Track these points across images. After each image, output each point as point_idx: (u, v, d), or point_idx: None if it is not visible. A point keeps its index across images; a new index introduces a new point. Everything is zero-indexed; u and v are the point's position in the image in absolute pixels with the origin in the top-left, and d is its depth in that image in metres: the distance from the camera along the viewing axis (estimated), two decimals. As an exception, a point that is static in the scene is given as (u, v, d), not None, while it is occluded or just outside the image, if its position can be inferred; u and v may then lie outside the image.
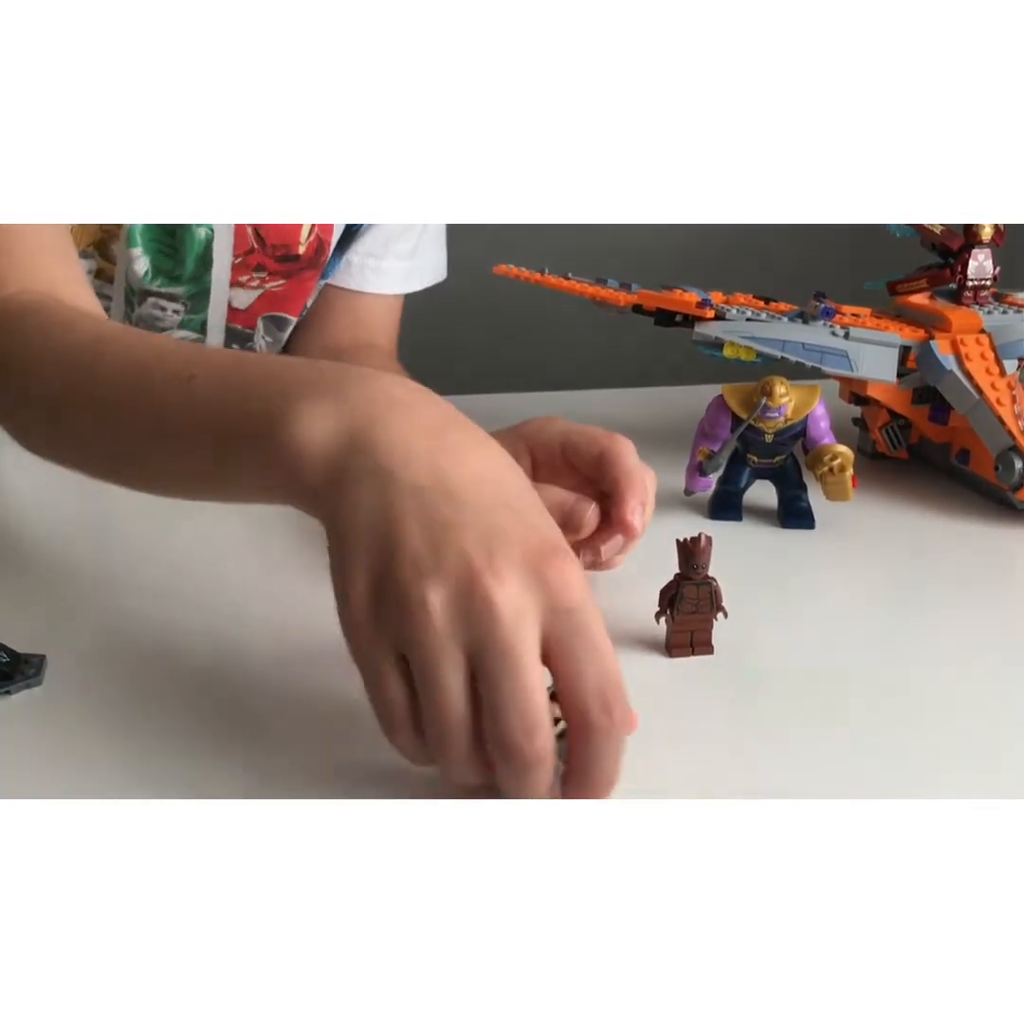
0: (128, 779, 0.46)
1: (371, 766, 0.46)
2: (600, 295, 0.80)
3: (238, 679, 0.53)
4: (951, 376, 0.73)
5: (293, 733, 0.50)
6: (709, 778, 0.47)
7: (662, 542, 0.58)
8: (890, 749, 0.49)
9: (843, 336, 0.74)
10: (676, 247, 1.58)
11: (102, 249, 0.83)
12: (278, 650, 0.56)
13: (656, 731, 0.49)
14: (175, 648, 0.56)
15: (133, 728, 0.49)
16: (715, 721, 0.51)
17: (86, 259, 0.83)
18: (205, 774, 0.46)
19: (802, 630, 0.59)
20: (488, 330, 1.45)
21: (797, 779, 0.47)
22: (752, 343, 0.74)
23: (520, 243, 1.28)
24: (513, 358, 1.48)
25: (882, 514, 0.74)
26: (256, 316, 0.90)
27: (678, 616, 0.54)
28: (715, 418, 0.70)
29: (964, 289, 0.77)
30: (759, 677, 0.54)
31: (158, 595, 0.62)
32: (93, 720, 0.50)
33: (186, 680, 0.53)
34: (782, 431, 0.69)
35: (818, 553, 0.69)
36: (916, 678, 0.55)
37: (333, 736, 0.49)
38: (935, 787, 0.47)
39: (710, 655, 0.55)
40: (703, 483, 0.72)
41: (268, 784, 0.46)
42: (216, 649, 0.56)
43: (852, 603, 0.64)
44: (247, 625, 0.58)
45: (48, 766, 0.47)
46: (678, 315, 0.77)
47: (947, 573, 0.67)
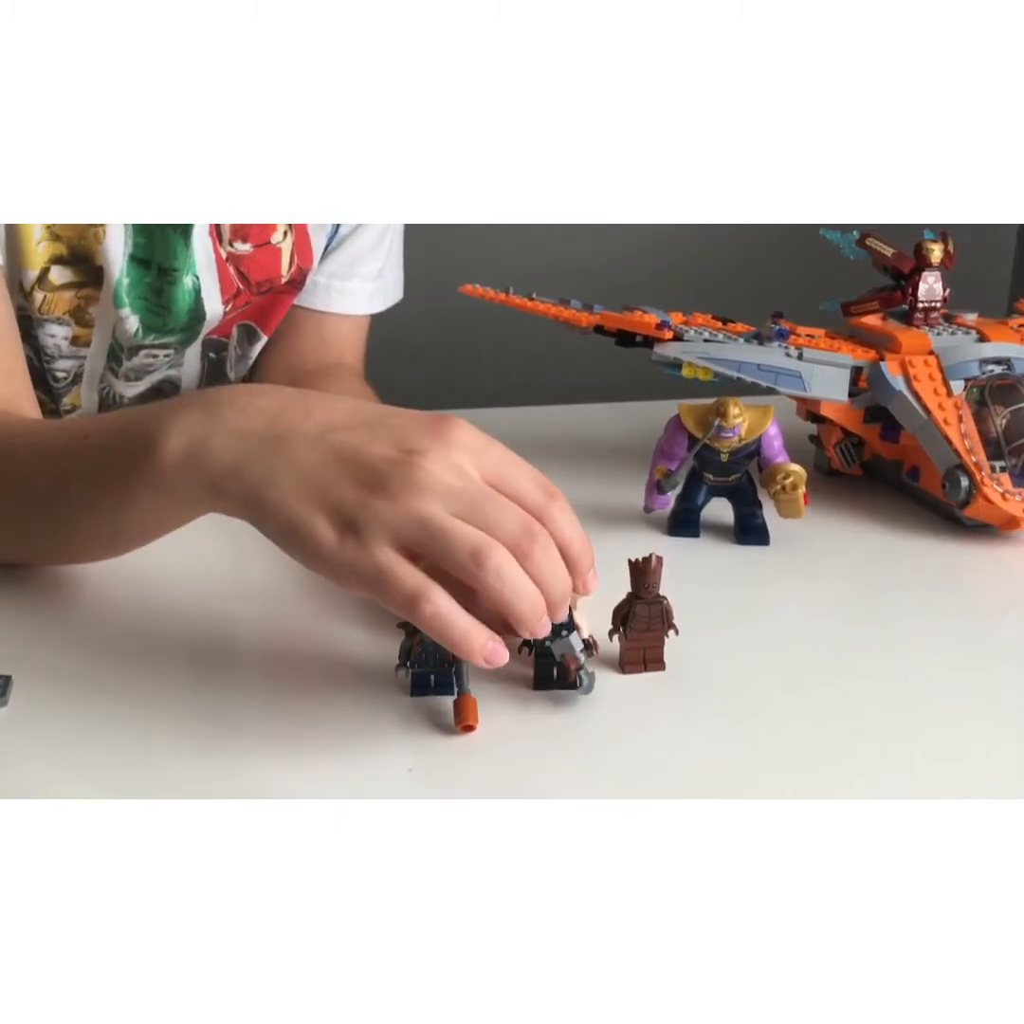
0: (98, 790, 0.47)
1: (373, 768, 0.48)
2: (563, 316, 0.81)
3: (217, 690, 0.55)
4: (900, 396, 0.75)
5: (275, 742, 0.51)
6: (661, 784, 0.49)
7: (619, 560, 0.59)
8: (843, 758, 0.51)
9: (796, 357, 0.76)
10: (643, 265, 1.60)
11: (78, 316, 0.83)
12: (259, 658, 0.57)
13: (609, 744, 0.51)
14: (145, 664, 0.57)
15: (102, 745, 0.51)
16: (667, 734, 0.53)
17: (61, 326, 0.83)
18: (180, 785, 0.48)
19: (756, 644, 0.61)
20: (450, 346, 1.46)
21: (750, 784, 0.49)
22: (709, 363, 0.76)
23: (487, 261, 1.29)
24: (476, 374, 1.50)
25: (836, 529, 0.76)
26: (231, 325, 0.91)
27: (631, 634, 0.56)
28: (672, 437, 0.72)
29: (915, 311, 0.80)
30: (711, 692, 0.56)
31: (124, 609, 0.63)
32: (59, 741, 0.51)
33: (159, 696, 0.54)
34: (737, 450, 0.71)
35: (773, 568, 0.71)
36: (868, 688, 0.57)
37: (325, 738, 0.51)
38: (887, 791, 0.49)
39: (662, 671, 0.57)
40: (662, 501, 0.74)
41: (253, 790, 0.47)
42: (191, 661, 0.57)
43: (805, 616, 0.65)
44: (224, 634, 0.60)
45: (15, 784, 0.48)
46: (638, 336, 0.79)
47: (898, 586, 0.69)
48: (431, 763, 0.50)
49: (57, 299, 0.81)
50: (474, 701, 0.51)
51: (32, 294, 0.80)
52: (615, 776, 0.49)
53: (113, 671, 0.57)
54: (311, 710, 0.53)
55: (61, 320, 0.82)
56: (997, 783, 0.50)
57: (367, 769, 0.49)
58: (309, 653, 0.58)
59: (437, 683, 0.53)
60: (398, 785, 0.48)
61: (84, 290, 0.81)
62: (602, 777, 0.49)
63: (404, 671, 0.54)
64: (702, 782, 0.49)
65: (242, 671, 0.57)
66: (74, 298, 0.82)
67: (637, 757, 0.51)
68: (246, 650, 0.59)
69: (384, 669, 0.55)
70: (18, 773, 0.49)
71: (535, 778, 0.49)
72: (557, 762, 0.50)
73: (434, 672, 0.53)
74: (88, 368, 0.86)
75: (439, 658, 0.53)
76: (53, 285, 0.80)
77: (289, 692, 0.55)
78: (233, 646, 0.59)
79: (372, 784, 0.48)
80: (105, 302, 0.82)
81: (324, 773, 0.49)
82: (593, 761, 0.50)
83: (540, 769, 0.50)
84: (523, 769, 0.49)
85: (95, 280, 0.81)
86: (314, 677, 0.56)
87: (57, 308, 0.82)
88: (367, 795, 0.47)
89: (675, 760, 0.51)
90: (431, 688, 0.54)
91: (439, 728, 0.52)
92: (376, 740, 0.51)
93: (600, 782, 0.49)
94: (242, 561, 0.71)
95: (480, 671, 0.54)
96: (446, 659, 0.53)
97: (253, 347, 0.94)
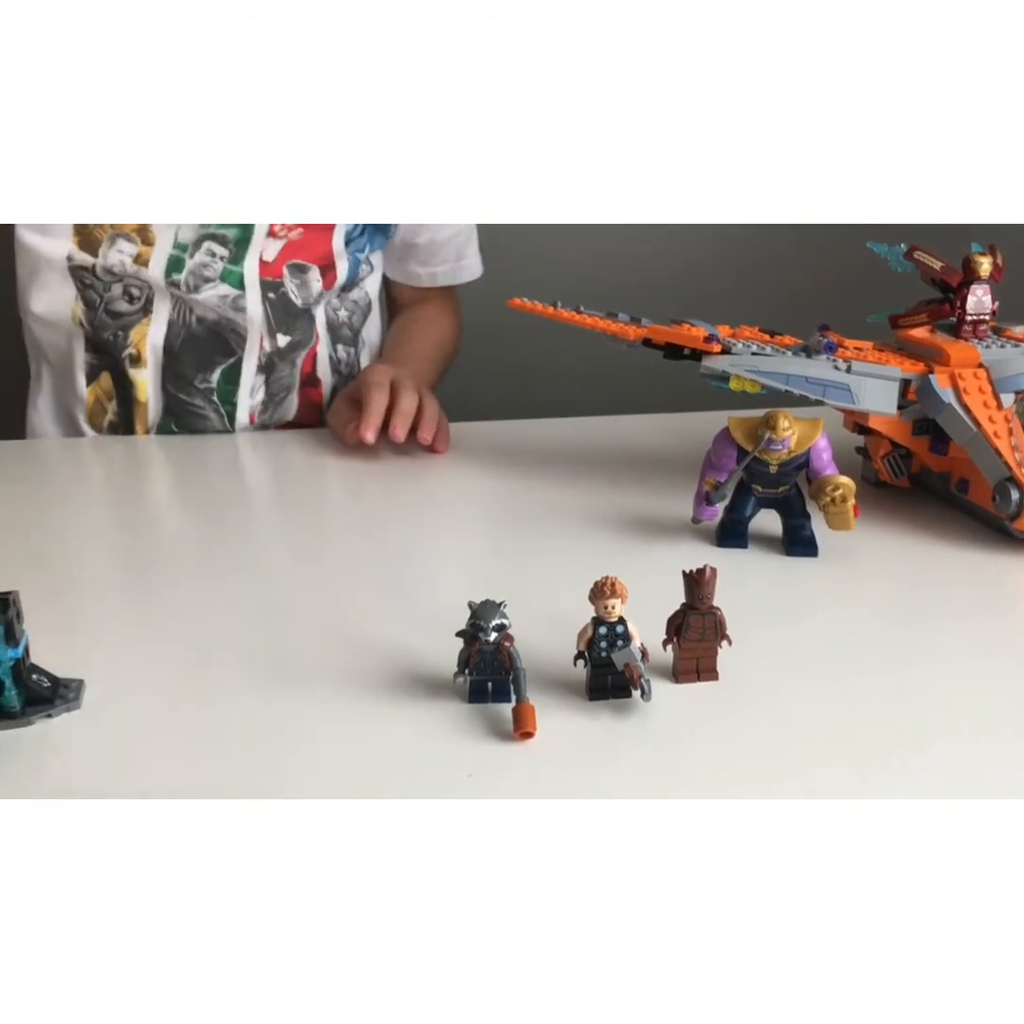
0: (169, 789, 0.49)
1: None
2: (611, 329, 0.82)
3: (280, 696, 0.56)
4: (950, 409, 0.75)
5: (337, 737, 0.52)
6: (716, 788, 0.49)
7: (667, 570, 0.60)
8: (893, 767, 0.51)
9: (845, 370, 0.77)
10: (685, 279, 1.60)
11: (143, 233, 0.96)
12: (321, 665, 0.59)
13: (664, 750, 0.52)
14: (210, 665, 0.59)
15: (172, 745, 0.52)
16: (721, 742, 0.53)
17: (129, 243, 0.96)
18: (243, 783, 0.49)
19: (805, 655, 0.62)
20: (498, 359, 1.48)
21: (805, 787, 0.49)
22: (757, 376, 0.76)
23: (533, 274, 1.31)
24: (524, 386, 1.51)
25: (884, 541, 0.76)
26: (281, 266, 1.02)
27: (684, 644, 0.57)
28: (721, 450, 0.73)
29: (963, 323, 0.80)
30: (763, 701, 0.57)
31: (190, 613, 0.65)
32: (131, 742, 0.53)
33: (224, 698, 0.56)
34: (786, 462, 0.72)
35: (821, 580, 0.71)
36: (918, 697, 0.57)
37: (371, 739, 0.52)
38: (941, 792, 0.49)
39: (715, 681, 0.58)
40: (710, 512, 0.75)
41: (318, 792, 0.49)
42: (256, 667, 0.59)
43: (854, 628, 0.66)
44: (288, 641, 0.61)
45: (92, 782, 0.50)
46: (686, 349, 0.80)
47: (947, 598, 0.69)
48: (491, 767, 0.51)
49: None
50: (533, 708, 0.52)
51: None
52: (671, 780, 0.50)
53: (179, 677, 0.58)
54: (372, 715, 0.54)
55: (130, 236, 0.97)
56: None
57: (429, 773, 0.50)
58: (369, 661, 0.59)
59: (494, 690, 0.55)
60: (459, 788, 0.49)
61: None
62: (658, 781, 0.50)
63: (462, 678, 0.55)
64: (757, 786, 0.50)
65: (305, 677, 0.58)
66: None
67: (691, 763, 0.51)
68: (309, 657, 0.60)
69: (443, 676, 0.56)
70: (90, 772, 0.50)
71: (594, 782, 0.50)
72: (614, 768, 0.51)
73: (491, 680, 0.55)
74: (155, 291, 0.98)
75: (496, 666, 0.54)
76: None
77: (351, 698, 0.56)
78: (297, 652, 0.61)
79: (434, 787, 0.49)
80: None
81: (385, 776, 0.50)
82: (649, 766, 0.51)
83: (598, 774, 0.50)
84: (582, 774, 0.50)
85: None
86: (374, 684, 0.57)
87: (127, 224, 0.97)
88: (431, 796, 0.48)
89: (729, 765, 0.51)
90: (488, 695, 0.55)
91: (497, 734, 0.53)
92: (436, 745, 0.52)
93: (656, 786, 0.50)
94: (307, 570, 0.73)
95: (535, 681, 0.55)
96: (503, 667, 0.54)
97: (307, 275, 1.03)
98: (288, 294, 1.03)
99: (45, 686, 0.54)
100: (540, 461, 0.92)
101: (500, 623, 0.53)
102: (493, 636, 0.53)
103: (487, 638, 0.53)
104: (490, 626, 0.53)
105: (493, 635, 0.53)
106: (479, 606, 0.54)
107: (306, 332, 1.05)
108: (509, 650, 0.54)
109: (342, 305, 1.08)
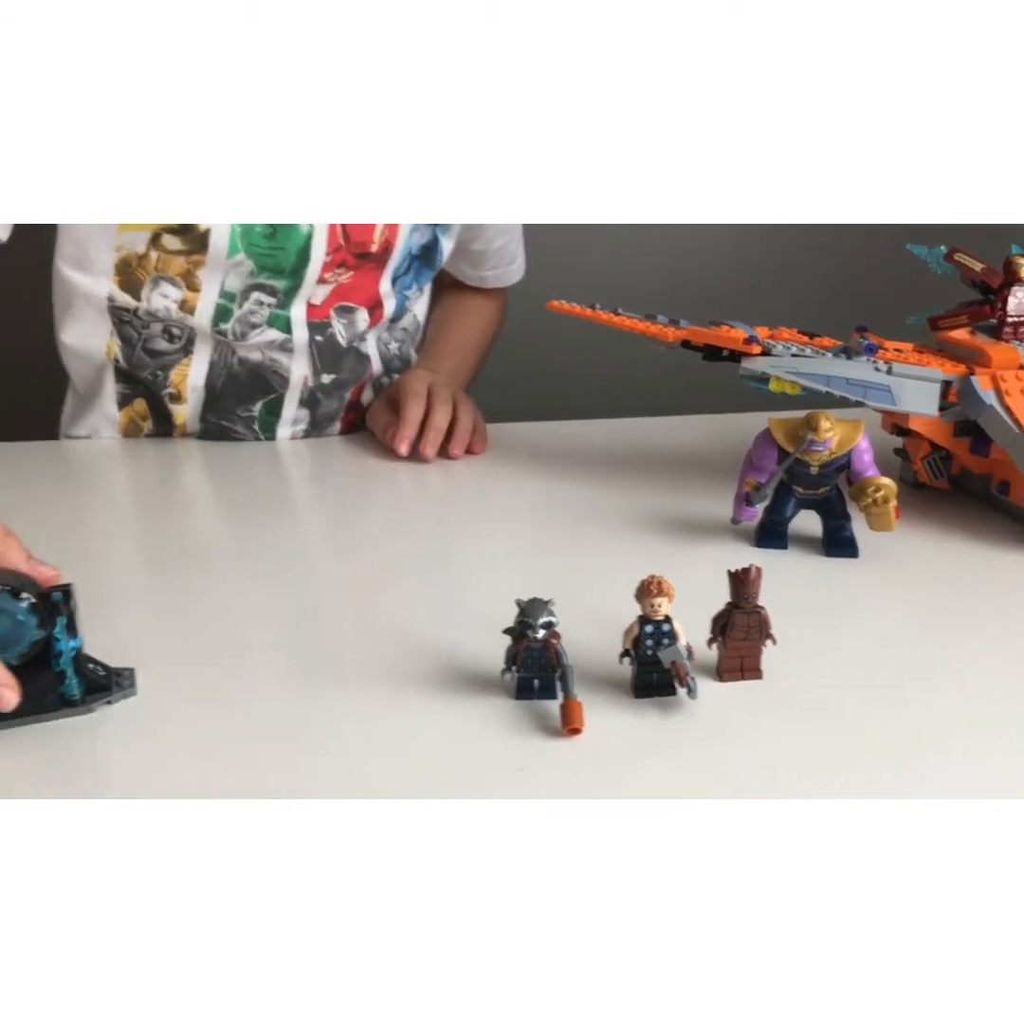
0: (226, 778, 0.50)
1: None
2: (650, 331, 0.83)
3: (327, 692, 0.57)
4: (991, 411, 0.75)
5: (381, 734, 0.53)
6: (761, 785, 0.50)
7: (712, 570, 0.61)
8: (935, 772, 0.52)
9: (886, 371, 0.77)
10: (720, 280, 1.61)
11: (188, 280, 0.93)
12: (369, 662, 0.60)
13: (710, 747, 0.52)
14: (251, 664, 0.60)
15: (227, 730, 0.53)
16: (765, 739, 0.54)
17: (174, 288, 0.94)
18: (294, 774, 0.50)
19: (848, 655, 0.62)
20: (536, 362, 1.49)
21: (848, 786, 0.50)
22: (797, 378, 0.76)
23: (569, 276, 1.31)
24: (562, 388, 1.52)
25: (924, 542, 0.77)
26: (329, 308, 1.00)
27: (729, 642, 0.57)
28: (762, 450, 0.73)
29: (1004, 325, 0.80)
30: (807, 699, 0.57)
31: (237, 600, 0.66)
32: (187, 724, 0.54)
33: (265, 695, 0.57)
34: (827, 463, 0.72)
35: (862, 581, 0.71)
36: (958, 697, 0.57)
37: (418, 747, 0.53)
38: (983, 791, 0.49)
39: (759, 679, 0.58)
40: (750, 513, 0.75)
41: (367, 790, 0.49)
42: (302, 664, 0.60)
43: (896, 629, 0.66)
44: (334, 638, 0.62)
45: (151, 768, 0.51)
46: (725, 350, 0.81)
47: (988, 600, 0.69)
48: (538, 763, 0.51)
49: (170, 260, 0.92)
50: (580, 705, 0.53)
51: (147, 255, 0.91)
52: (716, 777, 0.51)
53: (224, 673, 0.59)
54: (419, 711, 0.55)
55: (175, 281, 0.93)
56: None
57: (477, 768, 0.51)
58: (416, 658, 0.60)
59: (541, 687, 0.55)
60: (508, 783, 0.50)
61: (192, 256, 0.92)
62: (703, 778, 0.51)
63: (510, 675, 0.56)
64: (801, 785, 0.50)
65: (349, 675, 0.59)
66: (184, 263, 0.93)
67: (736, 760, 0.52)
68: (354, 656, 0.61)
69: (490, 673, 0.57)
70: (130, 772, 0.51)
71: (640, 779, 0.50)
72: (661, 764, 0.51)
73: (538, 677, 0.55)
74: (197, 333, 0.96)
75: (544, 663, 0.55)
76: (166, 248, 0.92)
77: (398, 694, 0.57)
78: (341, 651, 0.62)
79: (484, 781, 0.50)
80: (212, 263, 0.93)
81: (435, 772, 0.51)
82: (695, 763, 0.52)
83: (644, 771, 0.51)
84: (628, 771, 0.51)
85: (201, 246, 0.92)
86: (421, 680, 0.58)
87: (171, 269, 0.93)
88: (480, 792, 0.48)
89: (772, 763, 0.52)
90: (535, 692, 0.55)
91: (544, 730, 0.53)
92: (485, 741, 0.53)
93: (701, 783, 0.50)
94: (351, 570, 0.74)
95: (581, 679, 0.56)
96: (550, 664, 0.55)
97: (354, 315, 1.01)
98: (336, 335, 1.01)
99: (101, 674, 0.55)
100: (580, 462, 0.93)
101: (548, 620, 0.54)
102: (541, 633, 0.54)
103: (535, 635, 0.54)
104: (538, 623, 0.54)
105: (541, 632, 0.54)
106: (527, 604, 0.55)
107: (354, 371, 1.03)
108: (556, 647, 0.55)
109: (391, 337, 1.07)
